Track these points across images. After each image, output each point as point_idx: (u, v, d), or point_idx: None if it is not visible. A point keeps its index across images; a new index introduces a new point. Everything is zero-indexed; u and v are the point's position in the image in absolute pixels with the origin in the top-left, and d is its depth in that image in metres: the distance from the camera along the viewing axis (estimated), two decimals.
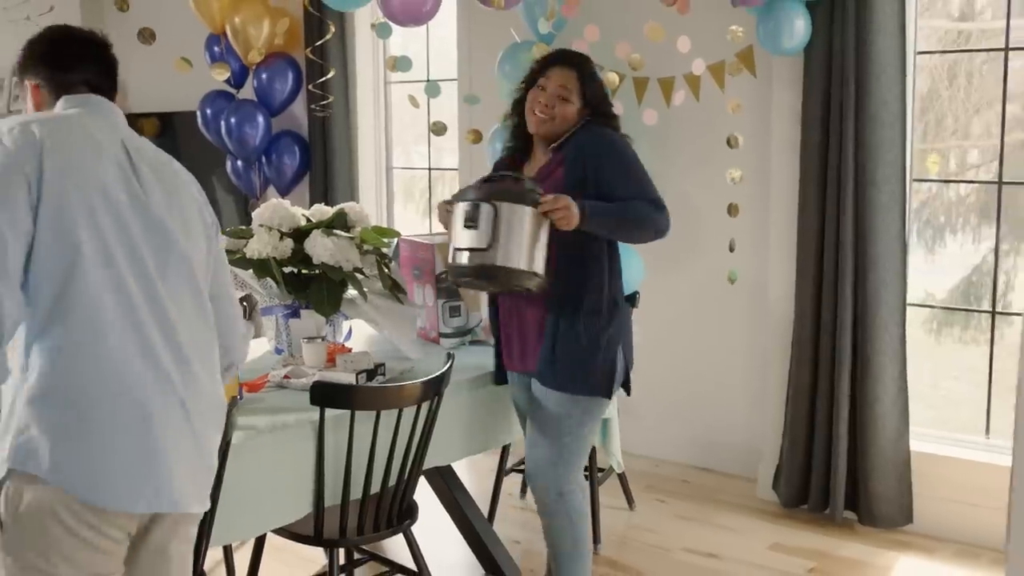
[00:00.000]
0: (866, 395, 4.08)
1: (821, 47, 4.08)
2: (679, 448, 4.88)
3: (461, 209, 2.88)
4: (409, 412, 2.86)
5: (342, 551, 3.37)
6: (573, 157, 3.01)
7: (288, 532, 2.92)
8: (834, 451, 4.13)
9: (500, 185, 2.90)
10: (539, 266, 2.87)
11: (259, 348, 3.60)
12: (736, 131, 4.29)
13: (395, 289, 3.53)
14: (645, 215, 2.96)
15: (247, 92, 5.91)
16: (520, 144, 3.19)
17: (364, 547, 3.51)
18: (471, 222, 2.83)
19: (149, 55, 4.71)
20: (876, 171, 3.99)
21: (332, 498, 2.85)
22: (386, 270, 3.54)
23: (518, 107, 3.16)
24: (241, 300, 4.09)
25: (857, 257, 4.06)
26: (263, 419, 2.76)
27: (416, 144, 6.09)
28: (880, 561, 3.89)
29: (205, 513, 2.45)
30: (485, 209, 2.83)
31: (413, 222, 6.11)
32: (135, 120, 7.01)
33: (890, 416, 4.07)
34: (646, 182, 3.02)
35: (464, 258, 2.87)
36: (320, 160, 5.93)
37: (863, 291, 4.05)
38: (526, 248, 2.84)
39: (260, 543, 3.18)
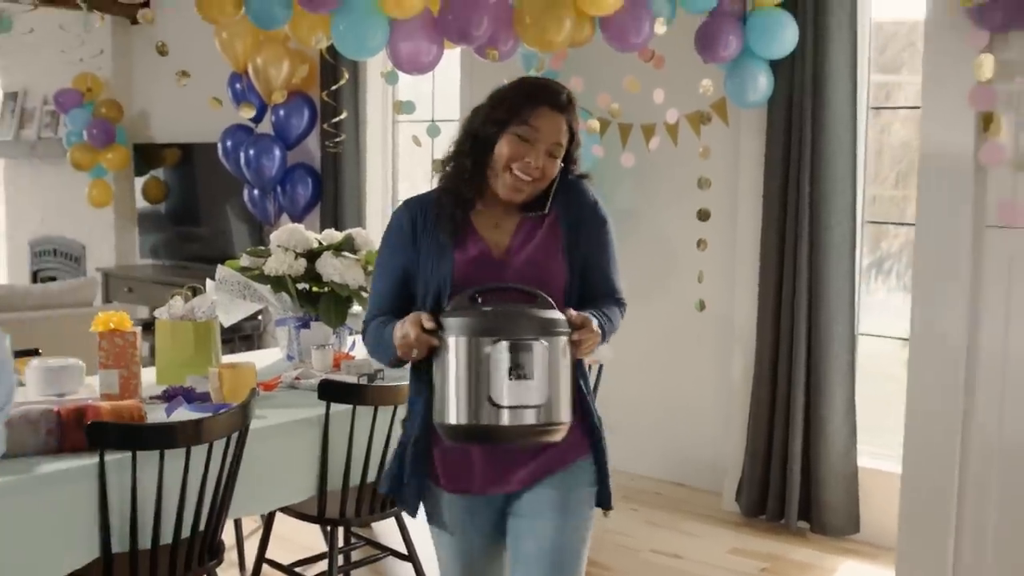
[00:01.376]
0: (819, 416, 4.49)
1: (782, 101, 4.51)
2: (653, 464, 5.28)
3: (503, 350, 2.06)
4: (403, 410, 3.26)
5: (341, 534, 3.77)
6: (567, 219, 2.38)
7: (295, 512, 3.29)
8: (789, 466, 4.54)
9: (527, 311, 2.14)
10: (570, 411, 2.19)
11: (272, 356, 4.03)
12: (708, 174, 4.66)
13: None
14: (616, 325, 2.41)
15: (265, 126, 6.33)
16: (475, 191, 2.39)
17: (360, 532, 3.92)
18: (520, 369, 2.06)
19: (172, 90, 5.09)
20: (830, 215, 4.42)
21: (334, 483, 3.21)
22: None
23: (477, 144, 2.37)
24: (257, 314, 4.53)
25: (811, 291, 4.47)
26: (276, 412, 3.15)
27: (426, 179, 6.49)
28: (827, 564, 4.29)
29: (224, 489, 2.87)
30: (539, 351, 2.07)
31: None
32: (158, 150, 7.51)
33: (839, 435, 4.48)
34: (618, 265, 2.47)
35: (511, 417, 2.08)
36: (331, 192, 6.38)
37: (816, 322, 4.47)
38: (571, 391, 2.18)
39: (268, 530, 3.53)
